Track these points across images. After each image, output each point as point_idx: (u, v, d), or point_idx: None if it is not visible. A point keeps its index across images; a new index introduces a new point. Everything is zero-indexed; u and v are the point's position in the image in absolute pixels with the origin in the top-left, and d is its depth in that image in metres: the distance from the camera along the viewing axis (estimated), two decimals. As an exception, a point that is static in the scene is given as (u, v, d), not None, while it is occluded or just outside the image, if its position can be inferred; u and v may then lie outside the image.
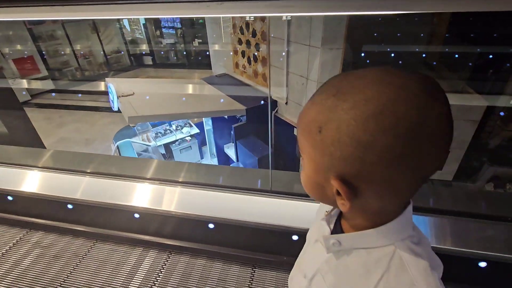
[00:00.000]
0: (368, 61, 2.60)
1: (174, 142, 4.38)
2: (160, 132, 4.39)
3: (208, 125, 4.39)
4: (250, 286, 1.42)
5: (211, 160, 4.63)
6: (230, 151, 4.11)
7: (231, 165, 3.97)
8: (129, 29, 10.13)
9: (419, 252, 0.42)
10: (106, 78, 3.32)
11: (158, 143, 4.24)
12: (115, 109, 3.09)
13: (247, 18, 3.28)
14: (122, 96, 2.93)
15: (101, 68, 8.89)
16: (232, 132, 3.42)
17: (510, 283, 1.25)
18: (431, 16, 2.56)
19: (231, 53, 3.93)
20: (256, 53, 3.40)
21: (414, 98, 0.33)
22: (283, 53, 2.84)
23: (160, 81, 5.63)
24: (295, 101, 3.07)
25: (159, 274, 1.50)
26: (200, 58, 9.32)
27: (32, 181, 1.78)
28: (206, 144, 4.69)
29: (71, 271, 1.55)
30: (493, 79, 2.55)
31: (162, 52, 9.83)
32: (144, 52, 9.77)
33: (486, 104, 2.48)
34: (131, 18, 10.23)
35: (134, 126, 3.68)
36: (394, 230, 0.42)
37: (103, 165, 1.84)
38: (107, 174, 1.73)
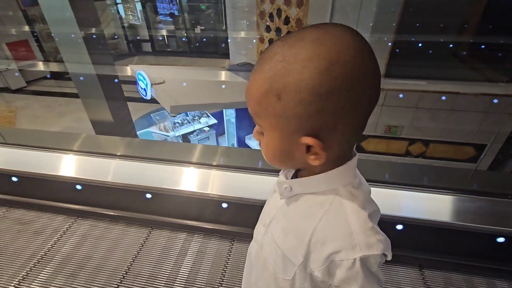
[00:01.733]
0: (416, 51, 2.55)
1: (192, 132, 4.26)
2: (178, 122, 4.24)
3: (227, 115, 4.28)
4: (228, 257, 1.49)
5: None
6: (252, 142, 4.03)
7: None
8: (123, 15, 9.69)
9: (356, 194, 0.47)
10: (130, 65, 3.14)
11: (177, 134, 4.10)
12: (148, 97, 2.92)
13: (281, 5, 3.15)
14: (154, 84, 2.78)
15: (98, 54, 8.47)
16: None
17: None
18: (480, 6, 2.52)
19: (254, 41, 3.79)
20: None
21: (349, 50, 0.37)
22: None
23: (183, 68, 5.42)
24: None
25: (140, 248, 1.56)
26: (203, 45, 9.05)
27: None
28: (224, 134, 4.58)
29: (53, 245, 1.59)
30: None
31: (162, 39, 9.47)
32: (143, 39, 9.37)
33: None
34: (126, 4, 9.79)
35: (174, 116, 3.52)
36: (338, 176, 0.47)
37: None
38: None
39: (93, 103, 2.51)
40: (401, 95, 2.39)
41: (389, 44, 2.37)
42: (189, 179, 1.61)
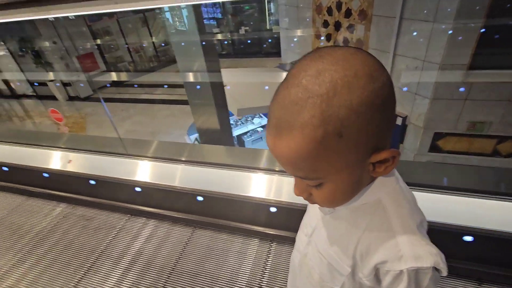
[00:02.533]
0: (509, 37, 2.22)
1: (246, 133, 4.30)
2: (232, 124, 4.31)
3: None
4: (267, 258, 1.52)
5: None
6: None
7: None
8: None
9: (401, 202, 0.46)
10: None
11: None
12: (212, 101, 3.03)
13: (341, -3, 2.99)
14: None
15: (151, 61, 9.06)
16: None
17: None
18: None
19: (309, 38, 3.67)
20: (347, 35, 3.12)
21: (366, 56, 0.38)
22: (393, 33, 2.55)
23: (239, 70, 5.55)
24: (398, 86, 2.78)
25: (185, 246, 1.64)
26: (247, 46, 9.14)
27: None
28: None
29: (110, 241, 1.75)
30: None
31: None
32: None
33: None
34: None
35: (240, 118, 3.62)
36: (379, 185, 0.46)
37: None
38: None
39: (203, 110, 2.61)
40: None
41: (478, 30, 2.09)
42: (236, 183, 1.65)
